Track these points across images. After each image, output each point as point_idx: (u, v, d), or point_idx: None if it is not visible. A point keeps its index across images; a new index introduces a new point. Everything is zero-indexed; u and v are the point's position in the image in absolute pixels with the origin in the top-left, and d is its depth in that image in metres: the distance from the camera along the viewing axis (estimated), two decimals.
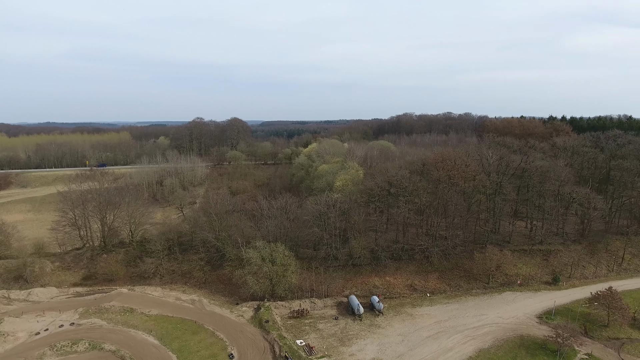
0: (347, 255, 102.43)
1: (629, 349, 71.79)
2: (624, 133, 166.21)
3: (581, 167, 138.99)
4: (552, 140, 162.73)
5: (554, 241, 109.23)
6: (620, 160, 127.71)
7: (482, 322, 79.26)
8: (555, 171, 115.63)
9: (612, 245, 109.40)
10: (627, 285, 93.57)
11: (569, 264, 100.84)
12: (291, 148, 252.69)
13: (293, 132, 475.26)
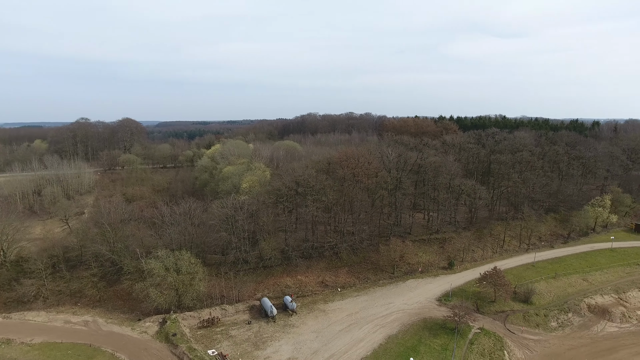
0: (258, 258, 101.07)
1: (512, 319, 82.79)
2: (500, 131, 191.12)
3: (467, 162, 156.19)
4: (442, 138, 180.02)
5: (448, 229, 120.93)
6: (498, 154, 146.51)
7: (389, 310, 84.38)
8: (446, 166, 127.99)
9: (495, 230, 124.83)
10: (508, 264, 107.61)
11: (461, 249, 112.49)
12: (193, 150, 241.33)
13: (194, 133, 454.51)
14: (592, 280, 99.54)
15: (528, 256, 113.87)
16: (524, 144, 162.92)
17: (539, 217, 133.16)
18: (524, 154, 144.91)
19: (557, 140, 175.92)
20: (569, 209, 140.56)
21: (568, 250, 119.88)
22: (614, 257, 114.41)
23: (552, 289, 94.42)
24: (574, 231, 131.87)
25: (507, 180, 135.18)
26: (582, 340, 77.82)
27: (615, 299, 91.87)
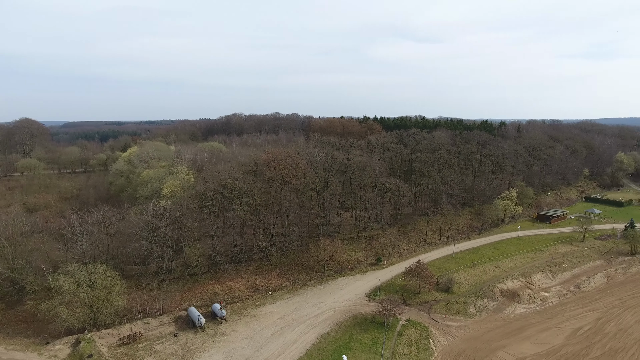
0: (183, 266, 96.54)
1: (436, 308, 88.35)
2: (420, 131, 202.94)
3: (391, 161, 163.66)
4: (367, 138, 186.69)
5: (374, 227, 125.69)
6: (419, 153, 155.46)
7: (321, 309, 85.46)
8: (371, 165, 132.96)
9: (418, 225, 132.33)
10: (430, 257, 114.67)
11: (388, 245, 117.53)
12: (106, 153, 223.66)
13: (107, 134, 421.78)
14: (503, 267, 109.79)
15: (448, 248, 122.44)
16: (442, 143, 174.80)
17: (456, 211, 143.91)
18: (442, 153, 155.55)
19: (470, 139, 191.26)
20: (482, 203, 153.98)
21: (482, 240, 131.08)
22: (520, 244, 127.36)
23: (469, 278, 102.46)
24: (487, 223, 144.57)
25: (427, 178, 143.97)
26: (496, 323, 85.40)
27: (523, 282, 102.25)
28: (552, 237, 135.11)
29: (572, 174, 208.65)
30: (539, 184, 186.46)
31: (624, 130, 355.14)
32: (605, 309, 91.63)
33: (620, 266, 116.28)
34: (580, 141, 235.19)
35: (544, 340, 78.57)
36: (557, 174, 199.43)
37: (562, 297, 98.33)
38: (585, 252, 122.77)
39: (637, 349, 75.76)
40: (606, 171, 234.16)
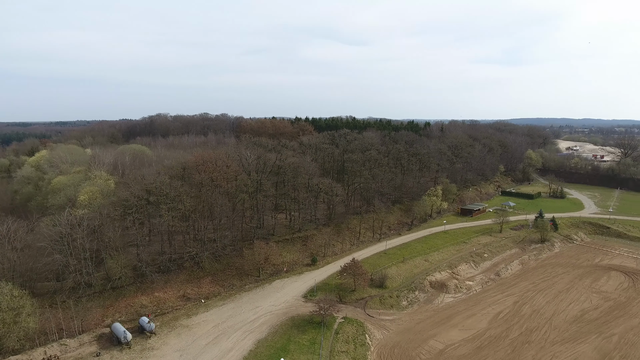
0: (105, 279, 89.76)
1: (371, 304, 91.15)
2: (351, 131, 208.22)
3: (324, 161, 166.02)
4: (299, 139, 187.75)
5: (309, 227, 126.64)
6: (350, 154, 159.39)
7: (257, 314, 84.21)
8: (304, 166, 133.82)
9: (352, 223, 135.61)
10: (364, 254, 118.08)
11: (323, 245, 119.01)
12: (9, 158, 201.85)
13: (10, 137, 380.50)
14: (432, 260, 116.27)
15: (380, 245, 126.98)
16: (372, 143, 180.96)
17: (387, 208, 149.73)
18: (372, 153, 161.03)
19: (399, 139, 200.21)
20: (411, 200, 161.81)
21: (412, 236, 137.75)
22: (446, 238, 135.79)
23: (401, 272, 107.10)
24: (416, 218, 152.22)
25: (359, 177, 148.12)
26: (427, 313, 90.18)
27: (450, 273, 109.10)
28: (474, 230, 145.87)
29: (489, 170, 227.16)
30: (461, 180, 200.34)
31: (532, 129, 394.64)
32: (521, 293, 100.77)
33: (533, 253, 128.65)
34: (495, 140, 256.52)
35: (470, 326, 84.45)
36: (476, 170, 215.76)
37: (484, 285, 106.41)
38: (503, 242, 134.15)
39: (548, 327, 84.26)
40: (518, 167, 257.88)
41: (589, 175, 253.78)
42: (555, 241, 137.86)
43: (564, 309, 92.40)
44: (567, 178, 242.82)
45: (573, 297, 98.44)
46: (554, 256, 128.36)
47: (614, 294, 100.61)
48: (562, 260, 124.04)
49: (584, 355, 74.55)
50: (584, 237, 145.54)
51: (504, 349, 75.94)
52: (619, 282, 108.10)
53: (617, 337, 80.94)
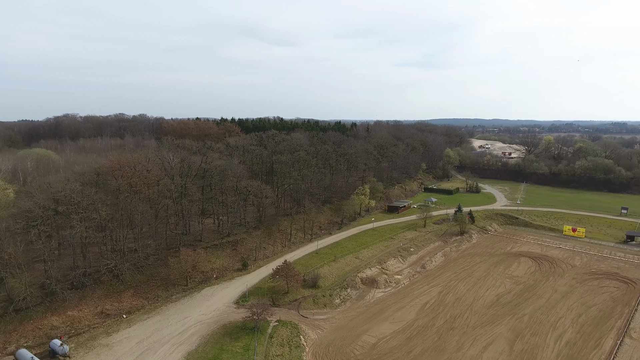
0: (6, 301, 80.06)
1: (304, 305, 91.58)
2: (279, 132, 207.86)
3: (252, 163, 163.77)
4: (226, 141, 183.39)
5: (239, 231, 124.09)
6: (279, 155, 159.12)
7: (186, 325, 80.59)
8: (232, 169, 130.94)
9: (282, 225, 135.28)
10: (296, 256, 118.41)
11: (254, 249, 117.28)
12: None
13: None
14: (362, 257, 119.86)
15: (312, 245, 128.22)
16: (300, 144, 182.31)
17: (318, 208, 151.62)
18: (301, 154, 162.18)
19: (327, 140, 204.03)
20: (340, 199, 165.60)
21: (343, 234, 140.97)
22: (375, 235, 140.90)
23: (333, 271, 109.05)
24: (346, 217, 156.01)
25: (288, 178, 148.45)
26: (359, 310, 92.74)
27: (379, 269, 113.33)
28: (401, 226, 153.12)
29: (413, 168, 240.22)
30: (388, 178, 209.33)
31: (450, 129, 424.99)
32: (445, 283, 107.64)
33: (454, 245, 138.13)
34: (417, 140, 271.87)
35: (400, 318, 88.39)
36: (401, 169, 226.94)
37: (411, 278, 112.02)
38: (427, 236, 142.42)
39: (469, 313, 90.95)
40: (438, 165, 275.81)
41: (499, 171, 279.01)
42: (473, 233, 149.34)
43: (483, 295, 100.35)
44: (481, 174, 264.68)
45: (490, 284, 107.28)
46: (472, 246, 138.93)
47: (524, 278, 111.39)
48: (479, 250, 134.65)
49: (501, 335, 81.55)
50: (497, 227, 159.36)
51: (431, 337, 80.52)
52: (527, 267, 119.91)
53: (527, 316, 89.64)
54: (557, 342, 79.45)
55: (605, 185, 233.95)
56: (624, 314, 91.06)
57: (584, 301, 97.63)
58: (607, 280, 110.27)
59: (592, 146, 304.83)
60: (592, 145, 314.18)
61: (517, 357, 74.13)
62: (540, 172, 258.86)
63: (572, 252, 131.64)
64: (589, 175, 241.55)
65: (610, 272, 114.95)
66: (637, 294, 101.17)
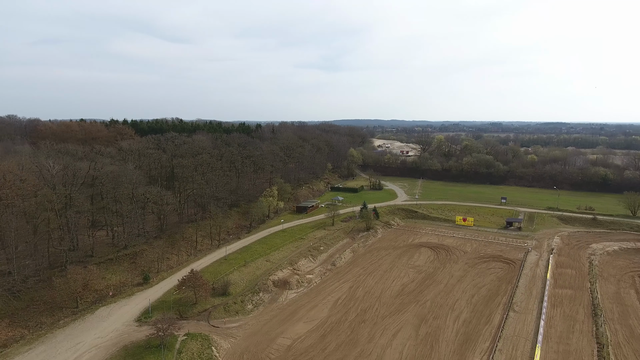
0: None
1: (215, 314, 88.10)
2: (179, 135, 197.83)
3: (149, 168, 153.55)
4: (118, 144, 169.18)
5: (138, 242, 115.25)
6: (180, 158, 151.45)
7: (80, 351, 72.33)
8: (126, 175, 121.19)
9: (187, 232, 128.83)
10: (203, 264, 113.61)
11: (155, 260, 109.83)
12: None
13: None
14: (273, 260, 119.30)
15: (220, 251, 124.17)
16: (203, 146, 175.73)
17: (224, 213, 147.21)
18: (204, 157, 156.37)
19: (231, 142, 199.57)
20: (248, 202, 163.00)
21: (252, 238, 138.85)
22: (285, 236, 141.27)
23: (244, 276, 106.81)
24: (254, 220, 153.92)
25: (191, 183, 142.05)
26: (273, 313, 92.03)
27: (291, 270, 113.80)
28: (310, 225, 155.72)
29: (319, 168, 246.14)
30: (295, 179, 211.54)
31: (352, 130, 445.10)
32: (355, 278, 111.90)
33: (361, 241, 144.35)
34: (322, 140, 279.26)
35: (313, 317, 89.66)
36: (308, 169, 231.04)
37: (322, 276, 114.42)
38: (336, 233, 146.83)
39: (378, 305, 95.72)
40: (343, 164, 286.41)
41: (399, 169, 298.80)
42: (378, 228, 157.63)
43: (390, 286, 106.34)
44: (383, 172, 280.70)
45: (395, 275, 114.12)
46: (378, 241, 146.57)
47: (425, 267, 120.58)
48: (384, 244, 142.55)
49: (407, 322, 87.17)
50: (399, 221, 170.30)
51: (344, 332, 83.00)
52: (427, 256, 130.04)
53: (429, 302, 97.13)
54: (456, 322, 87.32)
55: (487, 178, 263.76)
56: (508, 291, 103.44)
57: (476, 283, 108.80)
58: (493, 262, 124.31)
59: (476, 144, 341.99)
60: (475, 143, 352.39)
61: (422, 341, 79.83)
62: (434, 168, 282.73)
63: (464, 240, 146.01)
64: (474, 170, 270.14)
65: (495, 255, 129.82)
66: (517, 272, 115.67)
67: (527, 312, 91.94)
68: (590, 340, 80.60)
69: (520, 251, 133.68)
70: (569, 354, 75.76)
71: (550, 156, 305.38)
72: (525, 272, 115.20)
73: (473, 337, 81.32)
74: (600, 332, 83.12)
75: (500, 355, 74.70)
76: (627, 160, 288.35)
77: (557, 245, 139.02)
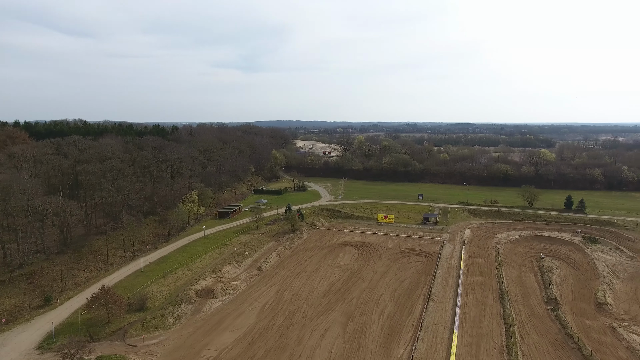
0: None
1: (131, 332, 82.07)
2: (84, 138, 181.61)
3: (48, 176, 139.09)
4: (8, 150, 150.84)
5: (36, 259, 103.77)
6: (85, 164, 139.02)
7: None
8: (20, 184, 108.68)
9: (95, 245, 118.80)
10: (116, 278, 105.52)
11: (59, 278, 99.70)
12: None
13: None
14: (195, 268, 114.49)
15: (135, 263, 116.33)
16: (112, 151, 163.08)
17: (139, 222, 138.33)
18: (114, 162, 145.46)
19: (144, 145, 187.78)
20: (166, 209, 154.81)
21: (171, 247, 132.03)
22: (207, 243, 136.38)
23: (163, 288, 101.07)
24: (173, 228, 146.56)
25: (100, 191, 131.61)
26: (197, 324, 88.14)
27: (215, 278, 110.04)
28: (234, 230, 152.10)
29: (241, 171, 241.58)
30: (216, 183, 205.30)
31: (275, 131, 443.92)
32: (281, 282, 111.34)
33: (287, 243, 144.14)
34: (244, 142, 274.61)
35: (240, 324, 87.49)
36: (229, 172, 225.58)
37: (248, 282, 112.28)
38: (261, 237, 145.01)
39: (306, 306, 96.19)
40: (266, 166, 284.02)
41: (322, 169, 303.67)
42: (303, 229, 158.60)
43: (316, 287, 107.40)
44: (307, 173, 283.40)
45: (322, 275, 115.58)
46: (303, 242, 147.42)
47: (350, 265, 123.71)
48: (310, 245, 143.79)
49: (335, 320, 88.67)
50: (324, 222, 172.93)
51: (273, 337, 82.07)
52: (352, 254, 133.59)
53: (355, 299, 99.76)
54: (381, 317, 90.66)
55: (405, 176, 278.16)
56: (427, 283, 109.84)
57: (398, 277, 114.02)
58: (413, 256, 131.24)
59: (394, 144, 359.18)
60: (393, 143, 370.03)
61: (350, 338, 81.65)
62: (356, 168, 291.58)
63: (386, 237, 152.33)
64: (393, 169, 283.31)
65: (415, 249, 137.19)
66: (434, 264, 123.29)
67: (444, 301, 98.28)
68: (499, 322, 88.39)
69: (436, 244, 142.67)
70: (481, 336, 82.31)
71: (460, 155, 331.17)
72: (442, 264, 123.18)
73: (397, 329, 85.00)
74: (506, 313, 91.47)
75: (422, 344, 78.90)
76: (524, 157, 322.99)
77: (468, 236, 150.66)
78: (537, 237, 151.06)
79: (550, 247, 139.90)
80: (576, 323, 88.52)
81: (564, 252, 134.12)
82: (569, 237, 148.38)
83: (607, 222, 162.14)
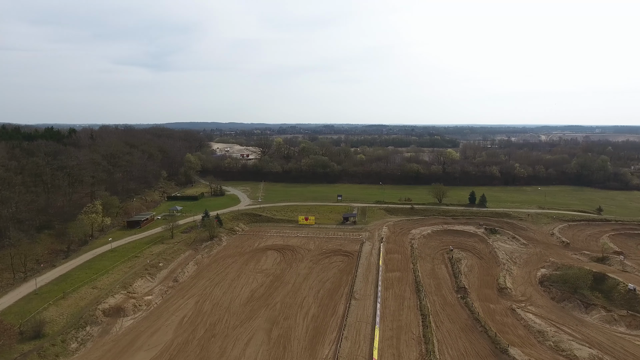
0: None
1: None
2: None
3: None
4: None
5: None
6: None
7: None
8: None
9: None
10: (4, 303, 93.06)
11: None
12: None
13: None
14: (101, 286, 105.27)
15: (28, 285, 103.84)
16: None
17: (31, 237, 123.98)
18: None
19: (35, 150, 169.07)
20: (64, 222, 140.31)
21: (72, 263, 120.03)
22: (115, 256, 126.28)
23: (64, 311, 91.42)
24: (74, 243, 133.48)
25: None
26: (106, 347, 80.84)
27: (125, 294, 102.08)
28: (145, 241, 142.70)
29: (152, 177, 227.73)
30: (123, 190, 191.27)
31: (188, 133, 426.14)
32: (201, 292, 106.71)
33: (205, 251, 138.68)
34: (154, 146, 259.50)
35: (156, 342, 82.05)
36: (139, 179, 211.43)
37: (164, 295, 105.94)
38: (176, 246, 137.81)
39: (228, 316, 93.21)
40: (180, 171, 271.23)
41: (240, 173, 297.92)
42: (222, 236, 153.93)
43: (238, 295, 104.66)
44: (224, 177, 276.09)
45: (244, 282, 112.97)
46: (223, 249, 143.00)
47: (272, 269, 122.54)
48: (230, 252, 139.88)
49: (259, 327, 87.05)
50: (244, 227, 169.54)
51: (193, 351, 78.17)
52: (274, 258, 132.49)
53: (279, 304, 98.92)
54: (305, 319, 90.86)
55: (324, 177, 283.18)
56: (349, 281, 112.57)
57: (320, 278, 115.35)
58: (334, 256, 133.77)
59: (312, 146, 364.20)
60: (312, 145, 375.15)
61: (275, 343, 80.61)
62: (275, 170, 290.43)
63: (307, 238, 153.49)
64: (312, 171, 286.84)
65: (336, 250, 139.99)
66: (355, 263, 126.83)
67: (366, 298, 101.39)
68: (416, 313, 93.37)
69: (356, 243, 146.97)
70: (401, 329, 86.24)
71: (375, 155, 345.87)
72: (362, 262, 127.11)
73: (322, 330, 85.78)
74: (422, 304, 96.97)
75: (346, 342, 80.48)
76: (433, 156, 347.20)
77: (386, 234, 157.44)
78: (447, 231, 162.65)
79: (458, 239, 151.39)
80: (482, 308, 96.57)
81: (470, 244, 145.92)
82: (474, 230, 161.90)
83: (505, 214, 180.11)
